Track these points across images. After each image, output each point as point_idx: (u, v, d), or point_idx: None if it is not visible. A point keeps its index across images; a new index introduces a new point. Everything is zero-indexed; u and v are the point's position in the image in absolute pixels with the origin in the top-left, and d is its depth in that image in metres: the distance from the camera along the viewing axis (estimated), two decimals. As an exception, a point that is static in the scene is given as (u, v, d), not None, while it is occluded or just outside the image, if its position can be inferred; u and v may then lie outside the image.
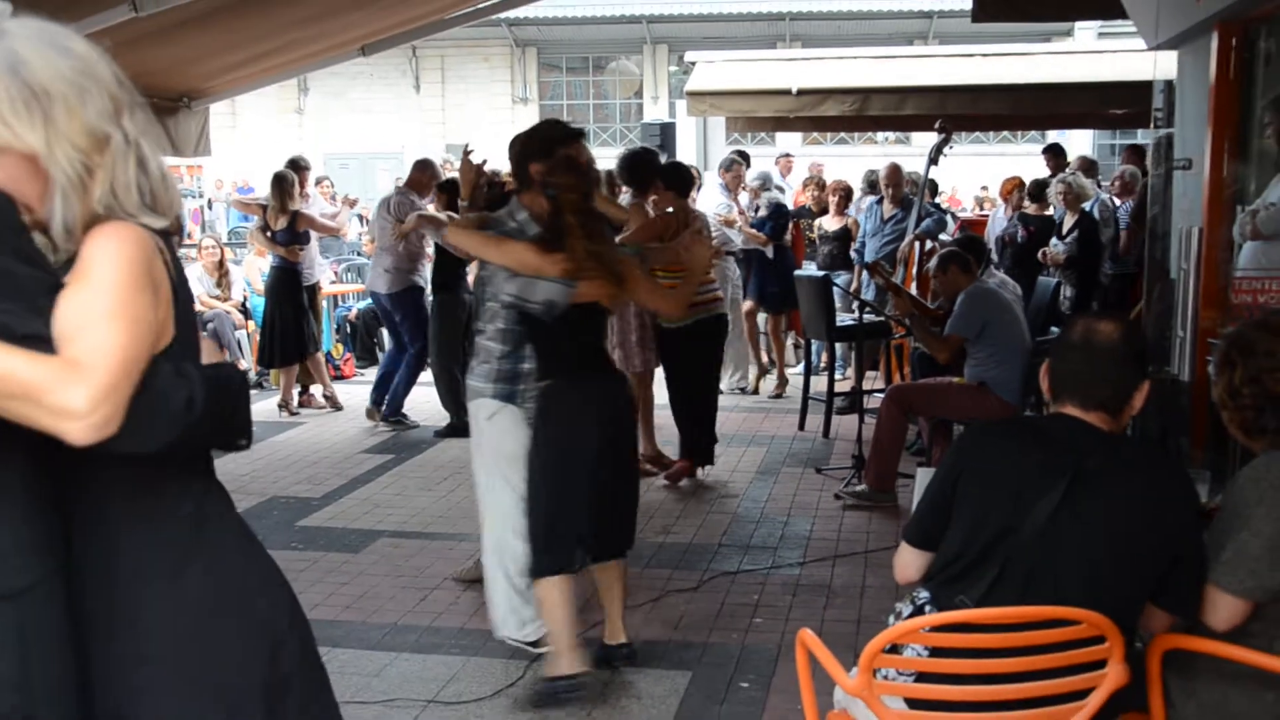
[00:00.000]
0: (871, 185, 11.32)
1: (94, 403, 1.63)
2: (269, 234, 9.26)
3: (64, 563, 1.86)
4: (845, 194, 11.10)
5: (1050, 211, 9.97)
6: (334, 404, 9.82)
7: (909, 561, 2.98)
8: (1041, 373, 2.93)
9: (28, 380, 1.59)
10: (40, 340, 1.65)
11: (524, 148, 4.55)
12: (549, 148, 4.41)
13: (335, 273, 13.40)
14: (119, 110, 1.87)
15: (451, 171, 9.20)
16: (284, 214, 9.16)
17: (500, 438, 4.49)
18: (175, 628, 1.95)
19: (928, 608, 2.80)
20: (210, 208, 21.20)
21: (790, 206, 11.57)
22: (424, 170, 8.90)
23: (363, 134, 23.12)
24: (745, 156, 11.22)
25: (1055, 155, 11.49)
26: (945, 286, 6.85)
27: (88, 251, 1.78)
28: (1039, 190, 10.25)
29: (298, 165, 9.86)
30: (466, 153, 5.17)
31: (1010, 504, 2.71)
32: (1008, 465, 2.78)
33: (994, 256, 8.83)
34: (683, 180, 7.22)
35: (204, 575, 1.99)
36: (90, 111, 1.81)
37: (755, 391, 10.38)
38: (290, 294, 9.31)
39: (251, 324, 10.70)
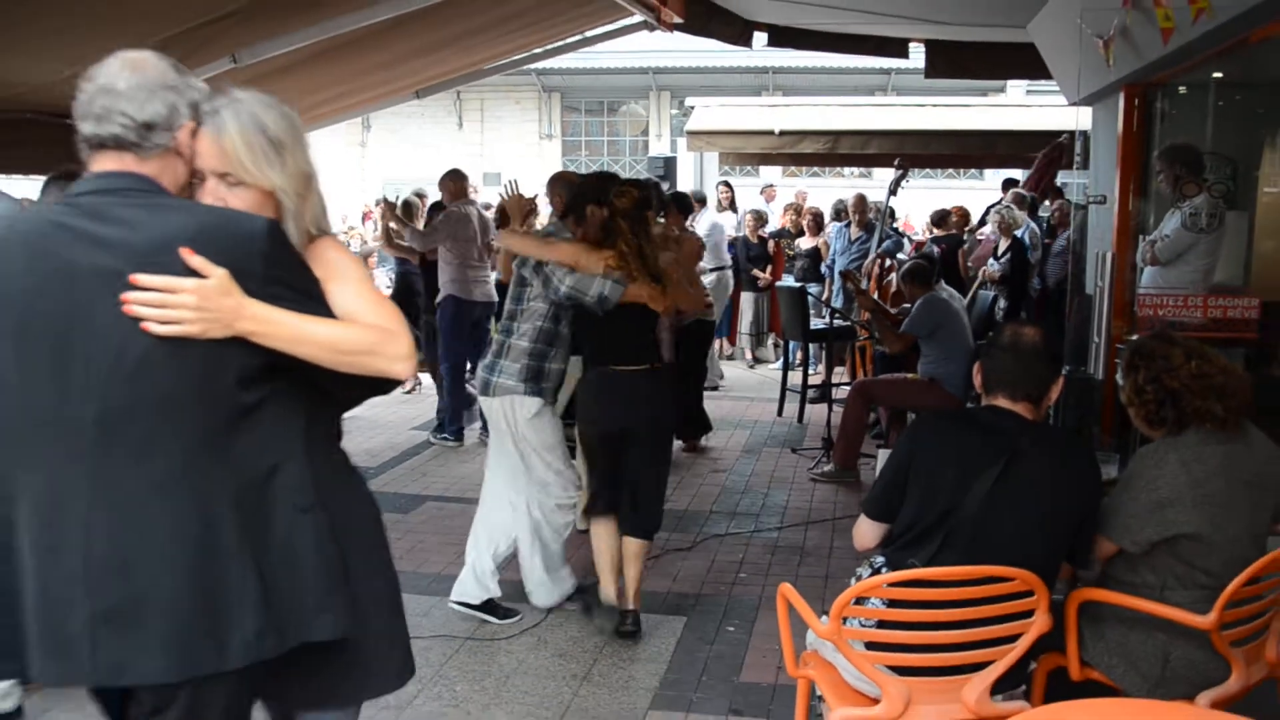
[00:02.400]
0: (839, 212, 11.36)
1: (410, 348, 2.02)
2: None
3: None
4: (817, 218, 11.15)
5: (955, 232, 10.10)
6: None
7: (867, 532, 2.99)
8: (975, 371, 2.95)
9: (369, 342, 1.95)
10: None
11: (581, 188, 4.52)
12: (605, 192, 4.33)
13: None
14: (309, 154, 2.11)
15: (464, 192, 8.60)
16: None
17: (543, 431, 4.34)
18: (359, 522, 2.16)
19: (884, 569, 2.84)
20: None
21: (773, 228, 11.75)
22: (460, 179, 8.00)
23: (415, 163, 23.03)
24: (729, 185, 11.75)
25: (1007, 187, 11.48)
26: (910, 294, 6.88)
27: (331, 258, 2.07)
28: (941, 218, 10.47)
29: (420, 194, 9.57)
30: (515, 186, 4.98)
31: (955, 482, 2.73)
32: (953, 450, 2.80)
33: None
34: (686, 206, 7.36)
35: (355, 489, 2.20)
36: (302, 157, 2.08)
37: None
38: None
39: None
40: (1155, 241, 5.32)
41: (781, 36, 8.34)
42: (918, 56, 8.96)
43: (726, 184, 12.47)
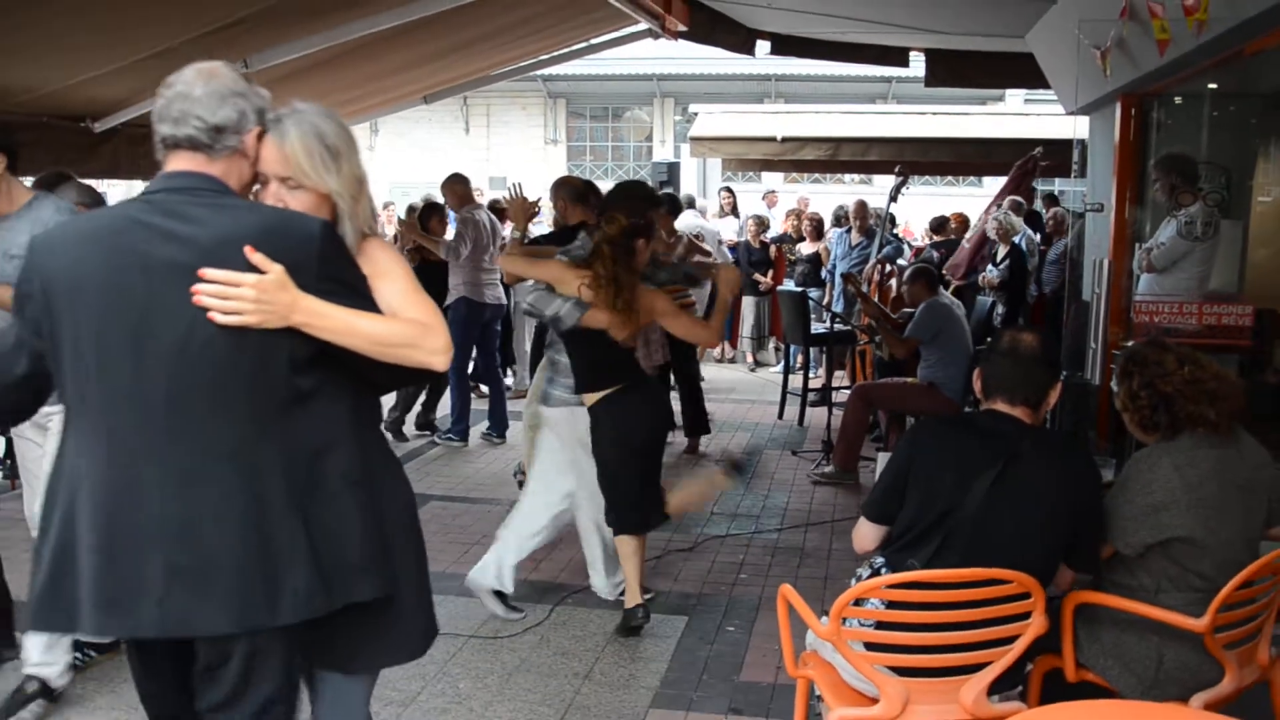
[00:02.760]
0: (839, 218, 11.36)
1: (447, 343, 2.16)
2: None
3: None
4: (817, 224, 11.16)
5: (954, 237, 10.14)
6: None
7: (866, 534, 2.99)
8: (974, 376, 2.96)
9: (409, 336, 2.10)
10: None
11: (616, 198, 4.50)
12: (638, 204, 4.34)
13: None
14: (360, 160, 2.26)
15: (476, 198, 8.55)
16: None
17: (586, 436, 4.32)
18: (394, 499, 2.30)
19: (884, 570, 2.84)
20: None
21: (775, 233, 11.75)
22: (463, 183, 7.85)
23: (422, 167, 23.01)
24: (732, 191, 11.69)
25: (1052, 200, 11.45)
26: (912, 295, 6.88)
27: (379, 257, 2.23)
28: (940, 224, 10.55)
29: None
30: (519, 189, 4.98)
31: (954, 485, 2.74)
32: (951, 453, 2.80)
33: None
34: (676, 208, 7.48)
35: (394, 471, 2.35)
36: (356, 163, 2.24)
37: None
38: None
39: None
40: (1151, 249, 5.34)
41: (784, 45, 8.36)
42: (918, 65, 8.98)
43: (729, 189, 12.55)
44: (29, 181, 3.97)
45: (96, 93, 5.52)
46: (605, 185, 5.11)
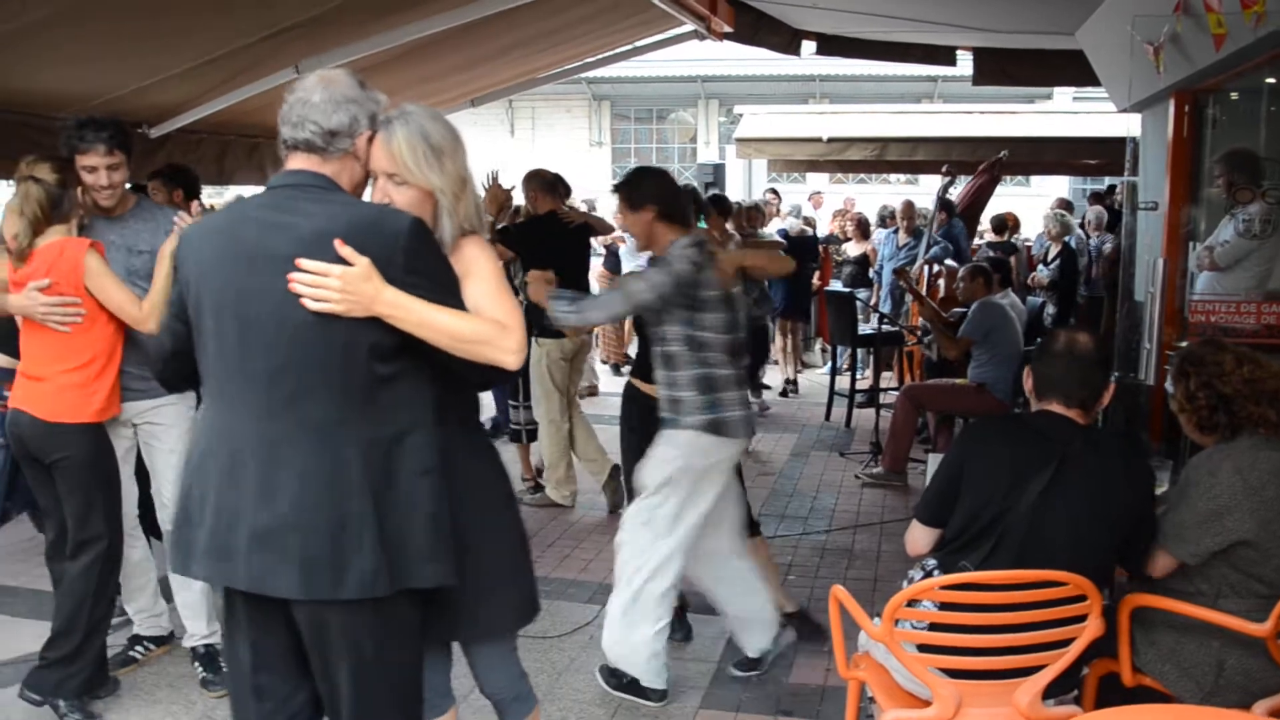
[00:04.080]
0: (884, 218, 11.30)
1: (521, 343, 2.25)
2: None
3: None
4: (863, 225, 11.10)
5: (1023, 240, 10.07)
6: None
7: (920, 537, 2.96)
8: (1025, 375, 2.93)
9: (485, 333, 2.20)
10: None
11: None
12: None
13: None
14: (466, 160, 2.39)
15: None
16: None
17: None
18: (485, 488, 2.49)
19: (936, 572, 2.82)
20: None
21: (821, 234, 11.70)
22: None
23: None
24: (777, 192, 11.50)
25: (1098, 198, 11.31)
26: (966, 292, 6.83)
27: (471, 255, 2.35)
28: (1000, 224, 10.43)
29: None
30: (496, 177, 5.05)
31: (1009, 486, 2.72)
32: (1006, 455, 2.78)
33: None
34: (725, 208, 7.45)
35: (489, 461, 2.54)
36: (460, 161, 2.36)
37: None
38: None
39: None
40: (1214, 247, 5.24)
41: (829, 45, 8.31)
42: (965, 64, 8.89)
43: (774, 191, 12.48)
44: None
45: (153, 99, 5.60)
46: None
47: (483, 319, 2.23)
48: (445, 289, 2.21)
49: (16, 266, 3.50)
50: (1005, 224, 10.46)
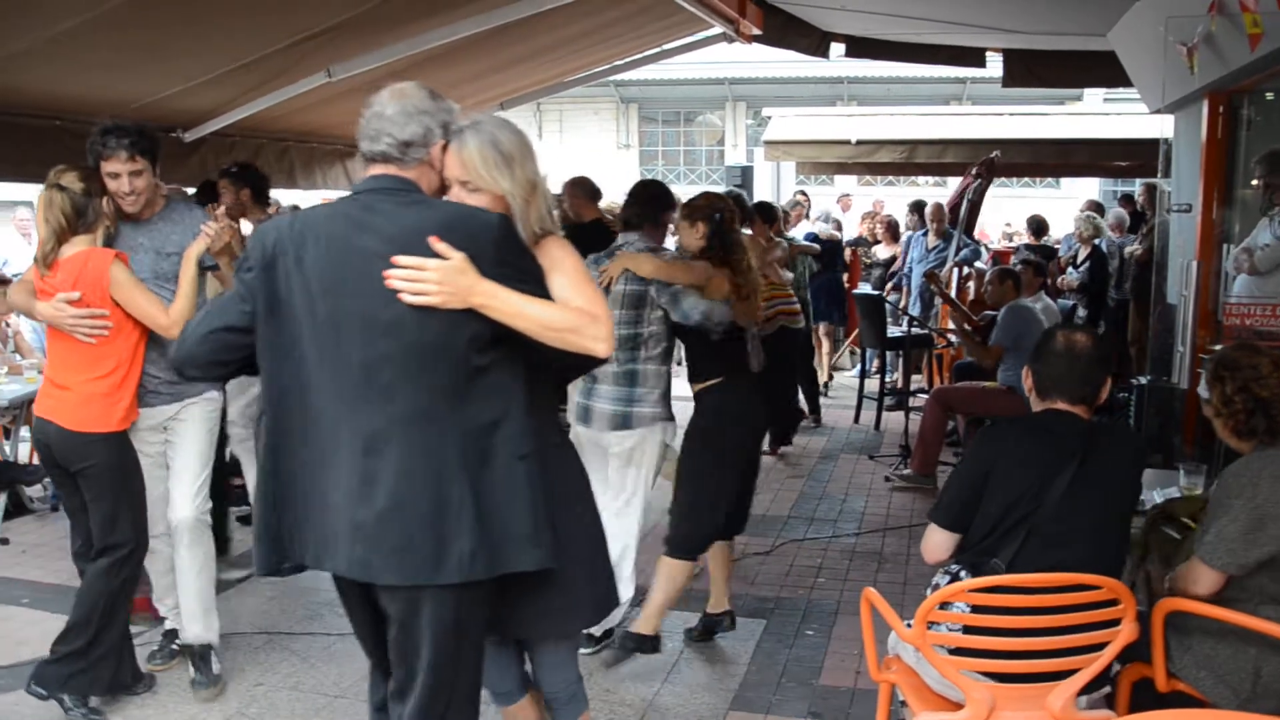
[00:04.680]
0: (915, 210, 11.21)
1: (610, 332, 2.34)
2: None
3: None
4: (892, 227, 11.06)
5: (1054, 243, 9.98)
6: None
7: (940, 542, 2.93)
8: (1024, 375, 2.98)
9: (575, 322, 2.28)
10: None
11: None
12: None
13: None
14: (537, 166, 2.48)
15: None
16: None
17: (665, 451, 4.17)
18: (569, 481, 2.59)
19: (963, 574, 2.81)
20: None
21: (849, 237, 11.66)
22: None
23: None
24: (806, 195, 11.41)
25: (1128, 201, 11.21)
26: (998, 295, 6.79)
27: (554, 253, 2.45)
28: (1039, 226, 10.36)
29: None
30: None
31: (1036, 484, 2.74)
32: (1033, 454, 2.79)
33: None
34: (771, 215, 7.49)
35: (568, 452, 2.67)
36: (530, 167, 2.46)
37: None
38: None
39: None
40: (1253, 251, 5.17)
41: (859, 47, 8.29)
42: (994, 65, 8.84)
43: (804, 193, 12.36)
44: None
45: (187, 104, 5.66)
46: (678, 190, 5.03)
47: (572, 309, 2.32)
48: (532, 280, 2.31)
49: (43, 274, 3.55)
50: (1043, 227, 10.36)
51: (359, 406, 2.23)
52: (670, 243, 4.35)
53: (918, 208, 10.34)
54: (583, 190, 5.85)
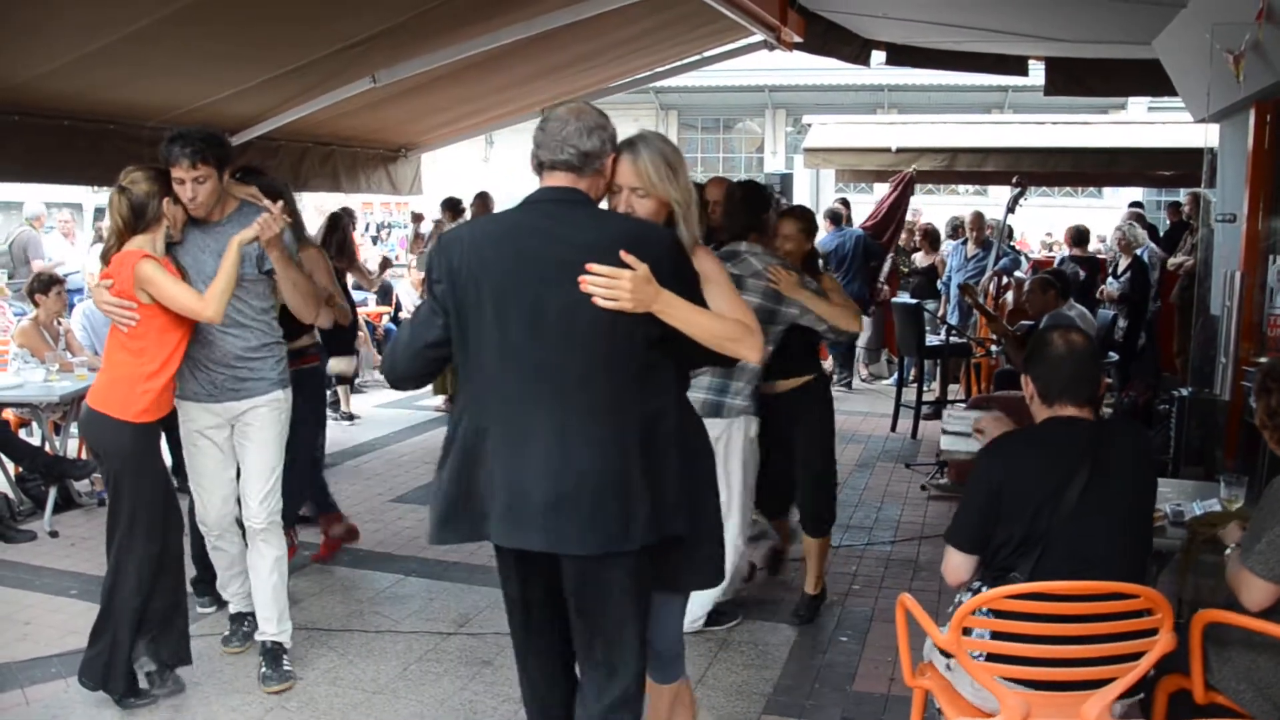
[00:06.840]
0: (955, 229, 11.19)
1: (761, 343, 2.69)
2: None
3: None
4: (931, 236, 11.00)
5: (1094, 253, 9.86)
6: None
7: (960, 565, 2.90)
8: (1024, 383, 2.93)
9: (736, 332, 2.60)
10: None
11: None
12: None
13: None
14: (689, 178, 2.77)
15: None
16: None
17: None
18: (701, 457, 2.79)
19: (984, 589, 2.78)
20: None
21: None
22: (485, 201, 9.40)
23: (535, 179, 23.47)
24: (847, 203, 11.34)
25: (1175, 209, 11.11)
26: (1034, 304, 6.75)
27: (706, 266, 2.70)
28: (1080, 236, 10.18)
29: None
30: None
31: (1051, 494, 2.72)
32: (1043, 465, 2.77)
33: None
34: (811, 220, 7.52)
35: (702, 439, 2.81)
36: (687, 178, 2.74)
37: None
38: None
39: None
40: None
41: (899, 55, 8.25)
42: (1036, 74, 8.77)
43: (844, 201, 12.31)
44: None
45: (233, 109, 5.75)
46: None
47: (732, 320, 2.61)
48: (696, 291, 2.58)
49: (103, 269, 3.73)
50: (1083, 236, 10.24)
51: (551, 400, 2.47)
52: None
53: (956, 227, 10.33)
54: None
